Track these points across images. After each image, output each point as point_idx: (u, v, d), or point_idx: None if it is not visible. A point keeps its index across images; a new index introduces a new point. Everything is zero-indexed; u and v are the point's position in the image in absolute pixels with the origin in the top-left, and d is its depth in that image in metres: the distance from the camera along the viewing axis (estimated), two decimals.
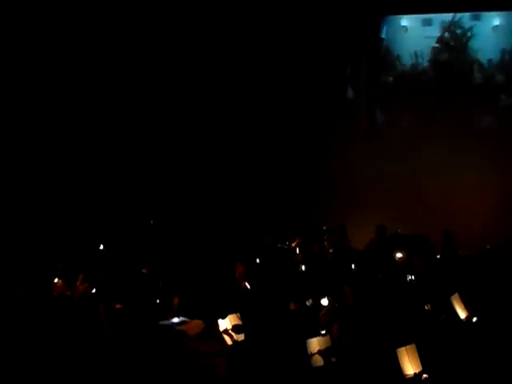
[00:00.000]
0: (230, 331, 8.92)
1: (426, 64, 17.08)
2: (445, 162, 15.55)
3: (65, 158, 15.87)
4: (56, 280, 10.51)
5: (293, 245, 13.55)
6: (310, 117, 16.89)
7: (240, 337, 8.91)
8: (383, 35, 17.44)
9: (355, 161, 16.42)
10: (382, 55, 17.47)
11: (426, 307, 9.72)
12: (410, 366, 7.41)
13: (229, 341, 8.91)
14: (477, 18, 16.74)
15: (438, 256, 12.82)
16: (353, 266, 11.85)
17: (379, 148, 16.70)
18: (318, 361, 8.13)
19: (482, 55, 16.68)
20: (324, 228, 14.90)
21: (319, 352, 8.10)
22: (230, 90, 17.04)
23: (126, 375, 8.40)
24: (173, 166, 17.02)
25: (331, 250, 13.13)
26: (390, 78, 17.28)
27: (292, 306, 9.78)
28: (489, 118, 15.88)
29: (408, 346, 7.51)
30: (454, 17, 16.70)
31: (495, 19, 16.66)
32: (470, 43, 16.73)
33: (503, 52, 16.58)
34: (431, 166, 15.58)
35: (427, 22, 17.09)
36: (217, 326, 9.02)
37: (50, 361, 8.46)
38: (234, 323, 8.94)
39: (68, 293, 10.27)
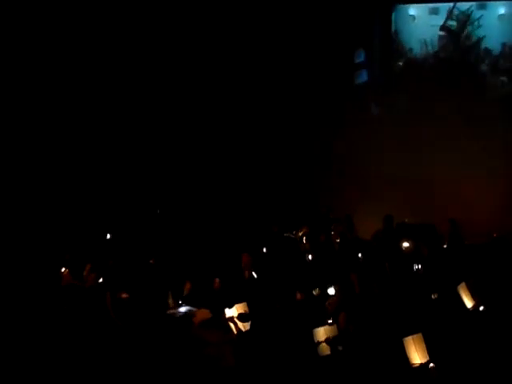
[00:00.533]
0: (235, 319, 8.93)
1: (432, 51, 17.04)
2: (452, 151, 15.52)
3: (73, 149, 15.90)
4: (63, 270, 10.55)
5: (299, 234, 13.55)
6: (317, 106, 16.87)
7: (246, 325, 8.93)
8: (393, 24, 17.42)
9: (362, 150, 16.41)
10: (391, 43, 17.39)
11: (432, 296, 9.72)
12: (417, 355, 7.42)
13: (235, 330, 8.93)
14: (482, 7, 16.68)
15: (445, 245, 12.81)
16: (359, 256, 11.84)
17: (387, 137, 16.68)
18: (325, 350, 8.15)
19: (487, 43, 16.62)
20: (331, 217, 14.89)
21: (326, 341, 8.11)
22: (238, 79, 17.05)
23: (132, 363, 8.43)
24: (180, 155, 17.03)
25: (338, 240, 13.13)
26: (399, 66, 17.21)
27: (298, 296, 9.78)
28: (496, 107, 15.76)
29: (415, 336, 7.52)
30: (454, 5, 16.69)
31: (501, 8, 16.62)
32: (475, 31, 16.67)
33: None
34: (438, 155, 15.54)
35: (434, 11, 17.07)
36: (223, 315, 9.03)
37: (58, 348, 8.50)
38: (240, 312, 8.96)
39: (75, 282, 10.29)
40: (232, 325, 8.96)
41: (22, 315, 9.08)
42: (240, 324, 8.93)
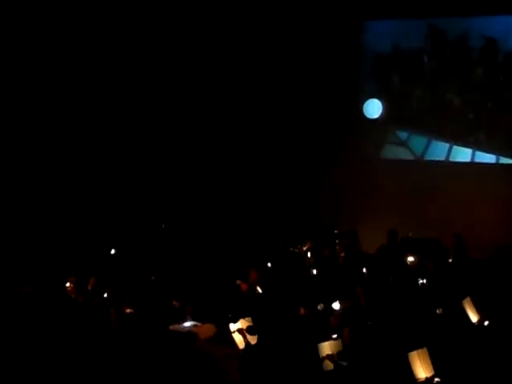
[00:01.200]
0: (244, 331, 8.92)
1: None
2: (456, 164, 15.53)
3: (78, 162, 15.92)
4: (68, 284, 10.55)
5: (304, 249, 13.54)
6: (320, 120, 16.89)
7: (253, 339, 8.92)
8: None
9: (367, 164, 16.43)
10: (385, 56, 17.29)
11: (437, 311, 9.71)
12: (422, 369, 7.40)
13: (240, 344, 8.92)
14: None
15: (450, 260, 12.79)
16: (364, 270, 11.83)
17: (391, 151, 16.71)
18: (330, 365, 8.13)
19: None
20: (335, 232, 14.89)
21: (329, 357, 8.10)
22: (235, 99, 17.12)
23: (137, 379, 8.42)
24: (185, 171, 17.06)
25: (342, 254, 13.13)
26: (397, 77, 17.11)
27: (302, 311, 9.77)
28: (505, 118, 15.68)
29: (420, 350, 7.50)
30: None
31: None
32: None
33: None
34: (443, 169, 15.54)
35: None
36: (229, 330, 9.02)
37: (60, 363, 8.49)
38: (246, 326, 8.95)
39: (79, 297, 10.30)
40: (237, 339, 8.95)
41: (25, 328, 9.08)
42: (248, 336, 8.92)
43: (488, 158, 15.29)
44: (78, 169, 15.89)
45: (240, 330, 8.93)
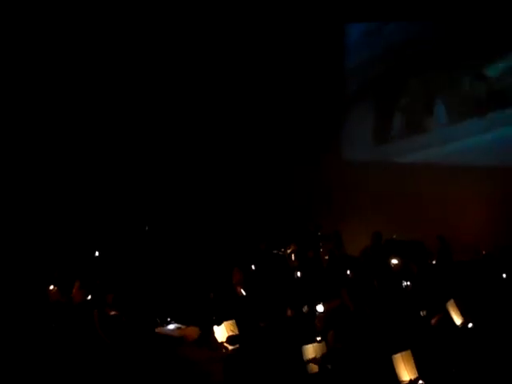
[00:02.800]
0: (224, 343, 8.89)
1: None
2: (440, 167, 15.56)
3: (60, 165, 15.85)
4: (51, 287, 10.49)
5: (288, 251, 13.54)
6: (304, 123, 16.91)
7: (235, 346, 8.89)
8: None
9: (350, 166, 16.45)
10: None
11: (421, 313, 9.72)
12: (406, 372, 7.40)
13: (223, 348, 8.90)
14: None
15: (434, 262, 12.82)
16: (348, 273, 11.83)
17: (374, 154, 16.74)
18: (314, 367, 8.12)
19: None
20: (319, 234, 14.90)
21: (314, 361, 8.08)
22: (219, 104, 17.12)
23: (120, 381, 8.39)
24: (169, 172, 17.02)
25: (326, 257, 13.13)
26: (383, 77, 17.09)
27: (289, 313, 9.76)
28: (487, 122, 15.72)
29: (404, 353, 7.50)
30: None
31: None
32: None
33: None
34: (426, 172, 15.57)
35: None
36: (212, 332, 9.00)
37: (45, 367, 8.44)
38: (229, 330, 8.92)
39: (63, 300, 10.24)
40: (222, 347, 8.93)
41: (8, 331, 9.03)
42: (228, 346, 8.89)
43: (473, 160, 15.31)
44: (61, 173, 15.83)
45: (220, 344, 8.88)
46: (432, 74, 16.09)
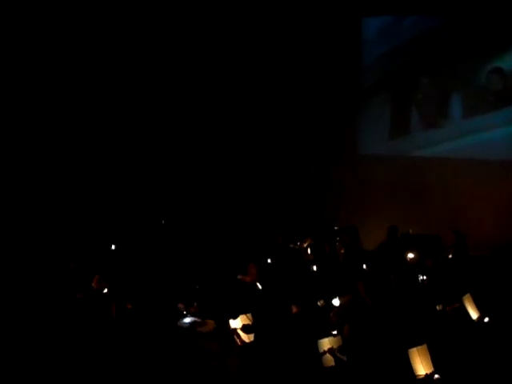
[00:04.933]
0: (238, 330, 8.90)
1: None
2: (456, 161, 15.50)
3: (78, 159, 15.93)
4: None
5: (304, 245, 13.53)
6: (320, 117, 16.88)
7: (249, 337, 8.91)
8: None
9: (367, 160, 16.41)
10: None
11: (437, 307, 9.70)
12: (422, 366, 7.39)
13: (239, 341, 8.92)
14: None
15: (450, 256, 12.78)
16: (364, 267, 11.83)
17: (390, 148, 16.69)
18: (329, 361, 8.13)
19: None
20: (335, 228, 14.88)
21: (330, 351, 8.09)
22: (237, 97, 17.14)
23: (137, 373, 8.43)
24: (185, 166, 17.06)
25: (342, 251, 13.11)
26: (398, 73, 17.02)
27: (294, 309, 9.75)
28: (503, 116, 15.64)
29: (419, 347, 7.49)
30: None
31: None
32: None
33: None
34: (442, 166, 15.52)
35: None
36: (228, 325, 9.02)
37: (62, 356, 8.52)
38: (244, 323, 8.94)
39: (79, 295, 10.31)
40: (236, 336, 8.95)
41: (25, 323, 9.10)
42: (243, 335, 8.91)
43: (488, 154, 15.23)
44: (79, 165, 15.91)
45: (234, 330, 8.90)
46: (448, 69, 15.99)
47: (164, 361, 8.70)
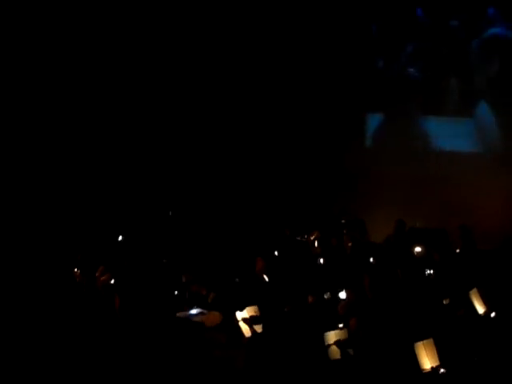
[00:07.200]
0: (249, 320, 8.90)
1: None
2: (464, 155, 15.48)
3: (85, 150, 15.95)
4: (75, 270, 10.59)
5: (311, 238, 13.52)
6: (329, 110, 16.86)
7: (257, 328, 8.92)
8: None
9: (374, 154, 16.40)
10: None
11: (444, 302, 9.68)
12: (428, 360, 7.39)
13: (246, 333, 8.92)
14: None
15: (457, 250, 12.74)
16: (371, 260, 11.81)
17: (398, 141, 16.66)
18: (336, 353, 8.13)
19: None
20: (343, 221, 14.86)
21: (336, 344, 8.09)
22: (246, 91, 17.11)
23: (142, 365, 8.43)
24: (193, 158, 17.06)
25: (350, 244, 13.10)
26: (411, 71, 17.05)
27: (310, 299, 9.77)
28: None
29: (426, 341, 7.49)
30: None
31: None
32: None
33: None
34: (449, 160, 15.50)
35: None
36: (235, 317, 9.03)
37: (65, 349, 8.52)
38: (251, 315, 8.94)
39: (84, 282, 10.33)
40: (243, 327, 8.96)
41: (29, 315, 9.11)
42: (253, 326, 8.92)
43: (496, 148, 15.23)
44: (86, 157, 15.93)
45: (245, 319, 8.93)
46: (464, 66, 16.03)
47: (170, 353, 8.70)
